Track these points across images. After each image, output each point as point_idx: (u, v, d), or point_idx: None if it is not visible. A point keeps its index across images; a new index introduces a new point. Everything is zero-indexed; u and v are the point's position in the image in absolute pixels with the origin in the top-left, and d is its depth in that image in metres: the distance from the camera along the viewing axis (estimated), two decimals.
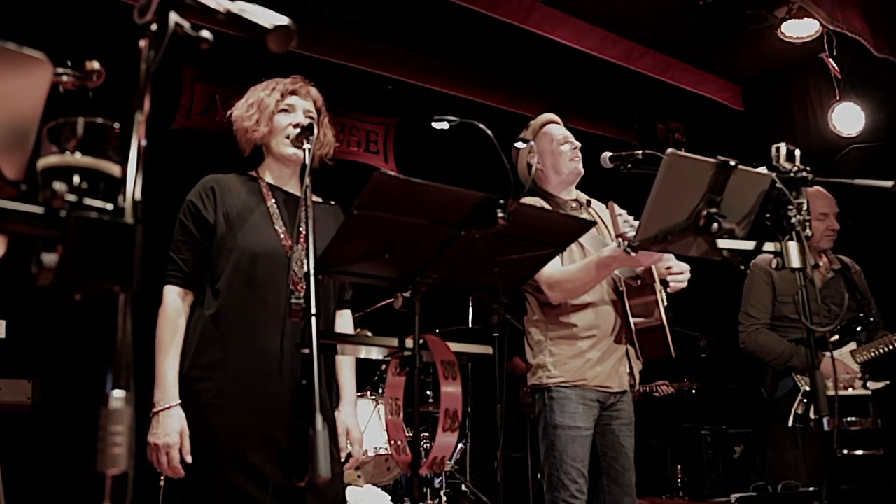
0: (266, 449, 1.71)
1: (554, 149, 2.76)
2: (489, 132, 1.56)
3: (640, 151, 2.50)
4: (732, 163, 1.88)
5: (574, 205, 2.78)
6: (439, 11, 4.25)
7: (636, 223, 2.21)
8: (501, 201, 1.43)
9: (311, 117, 2.07)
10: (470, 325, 4.26)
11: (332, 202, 2.20)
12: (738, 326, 3.24)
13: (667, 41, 5.03)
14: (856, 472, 2.64)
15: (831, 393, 1.85)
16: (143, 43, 0.83)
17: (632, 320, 2.55)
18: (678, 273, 2.55)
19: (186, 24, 0.85)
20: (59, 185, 0.72)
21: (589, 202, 2.85)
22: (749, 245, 1.93)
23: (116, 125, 0.85)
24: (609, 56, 4.92)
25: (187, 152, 4.17)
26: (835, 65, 4.63)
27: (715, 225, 1.86)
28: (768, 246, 1.96)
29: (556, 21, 4.58)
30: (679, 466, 4.42)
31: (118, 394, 0.72)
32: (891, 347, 2.98)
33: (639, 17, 4.69)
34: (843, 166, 4.76)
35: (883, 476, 2.68)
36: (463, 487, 3.97)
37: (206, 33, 0.83)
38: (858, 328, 3.05)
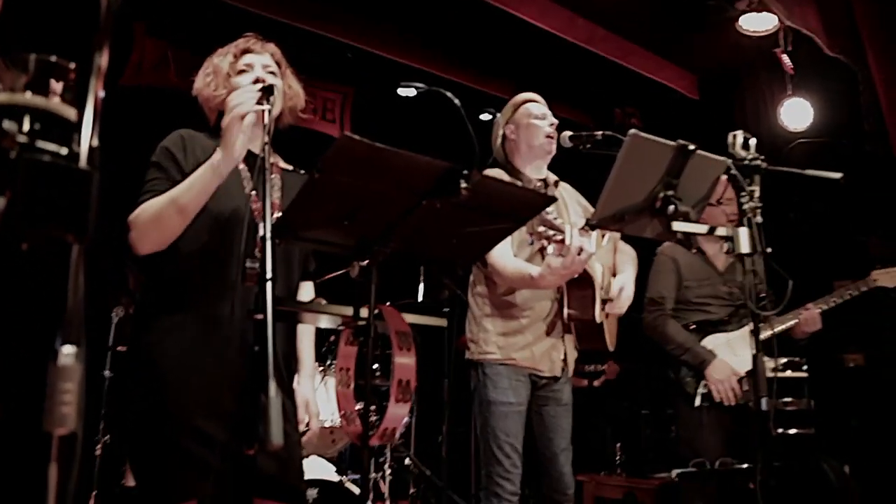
0: (218, 414, 1.67)
1: (530, 122, 2.76)
2: (456, 101, 1.54)
3: (600, 133, 2.53)
4: (691, 147, 1.91)
5: (539, 184, 2.79)
6: None
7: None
8: (465, 172, 1.41)
9: (271, 72, 2.01)
10: (420, 299, 4.26)
11: (303, 171, 2.15)
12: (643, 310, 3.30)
13: (629, 27, 5.07)
14: (786, 450, 2.76)
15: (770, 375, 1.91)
16: None
17: (566, 311, 2.59)
18: (617, 307, 2.63)
19: None
20: (8, 125, 0.67)
21: (557, 182, 2.86)
22: (702, 228, 1.97)
23: (72, 65, 0.80)
24: (572, 38, 4.93)
25: (135, 109, 4.01)
26: (788, 61, 4.75)
27: (671, 207, 1.90)
28: (720, 231, 2.01)
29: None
30: (618, 445, 4.54)
31: (69, 349, 0.69)
32: (787, 326, 3.12)
33: (603, 1, 4.70)
34: (790, 159, 4.90)
35: (813, 453, 2.82)
36: (407, 461, 4.00)
37: None
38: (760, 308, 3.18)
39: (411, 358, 1.59)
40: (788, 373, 2.77)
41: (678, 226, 1.90)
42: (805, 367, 2.86)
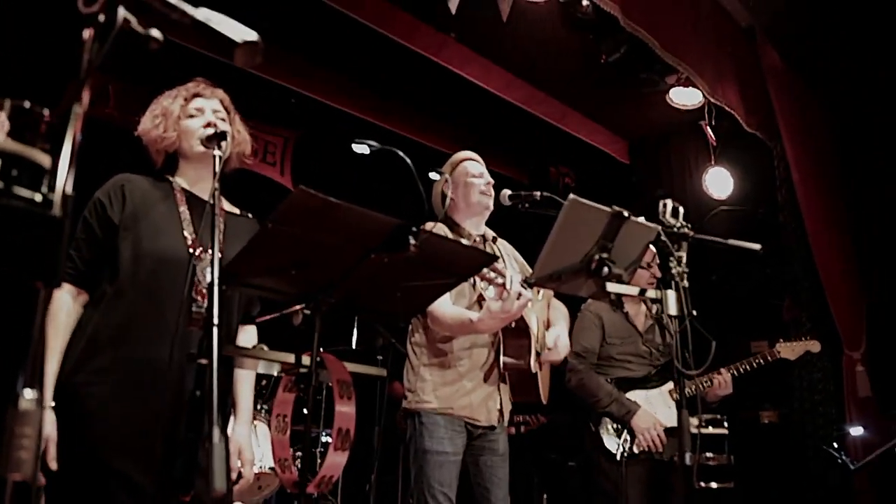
0: (149, 462, 1.63)
1: (467, 181, 2.84)
2: (408, 160, 1.60)
3: (539, 193, 2.64)
4: (626, 214, 2.03)
5: (478, 239, 2.86)
6: (353, 33, 4.28)
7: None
8: (414, 229, 1.47)
9: (221, 118, 2.04)
10: (354, 346, 4.24)
11: (250, 215, 2.16)
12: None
13: (566, 91, 5.31)
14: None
15: (694, 431, 2.00)
16: (87, 32, 0.80)
17: (503, 359, 2.64)
18: (555, 354, 2.71)
19: (134, 20, 0.84)
20: None
21: (495, 239, 2.94)
22: (634, 290, 2.08)
23: (46, 112, 0.82)
24: (512, 98, 5.13)
25: (98, 145, 3.91)
26: (712, 133, 5.07)
27: (606, 269, 1.99)
28: (649, 293, 2.13)
29: (467, 58, 4.73)
30: (545, 496, 4.58)
31: (29, 394, 0.69)
32: (702, 386, 3.31)
33: (544, 65, 4.93)
34: (712, 225, 5.19)
35: None
36: None
37: (155, 32, 0.82)
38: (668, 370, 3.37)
39: (351, 407, 1.60)
40: (710, 429, 2.90)
41: (612, 287, 2.00)
42: (726, 424, 3.00)
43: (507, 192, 2.78)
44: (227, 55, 0.78)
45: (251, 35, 0.79)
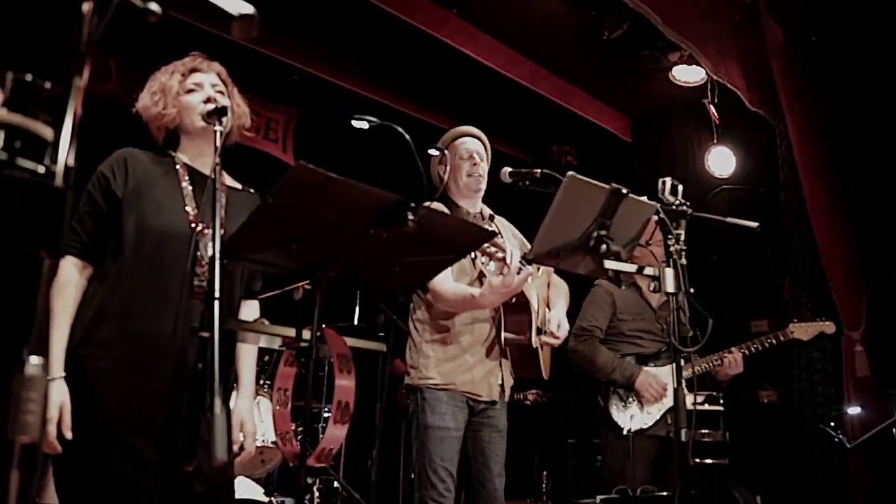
0: (152, 432, 1.67)
1: (456, 163, 2.85)
2: (407, 136, 1.61)
3: (539, 171, 2.64)
4: (624, 191, 2.04)
5: (476, 217, 2.87)
6: (355, 9, 4.25)
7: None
8: (413, 204, 1.48)
9: (220, 91, 2.04)
10: (356, 322, 4.27)
11: (251, 190, 2.17)
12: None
13: (569, 68, 5.28)
14: (702, 478, 2.92)
15: (690, 407, 2.03)
16: (86, 6, 0.81)
17: (504, 334, 2.67)
18: (554, 336, 2.72)
19: None
20: None
21: (492, 217, 2.96)
22: (632, 268, 2.09)
23: (48, 84, 0.83)
24: (514, 75, 5.10)
25: (97, 121, 3.92)
26: (715, 111, 5.05)
27: (604, 246, 2.01)
28: (647, 270, 2.14)
29: (468, 35, 4.70)
30: (545, 473, 4.64)
31: (35, 360, 0.71)
32: (712, 365, 3.33)
33: (546, 42, 4.90)
34: (713, 204, 5.18)
35: (726, 482, 2.98)
36: (335, 484, 3.97)
37: (153, 5, 0.83)
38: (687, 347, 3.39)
39: (351, 381, 1.63)
40: (706, 405, 2.94)
41: (609, 264, 2.02)
42: (721, 402, 3.04)
43: (507, 169, 2.78)
44: (225, 28, 0.79)
45: (247, 8, 0.80)
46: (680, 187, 2.30)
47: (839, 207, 4.14)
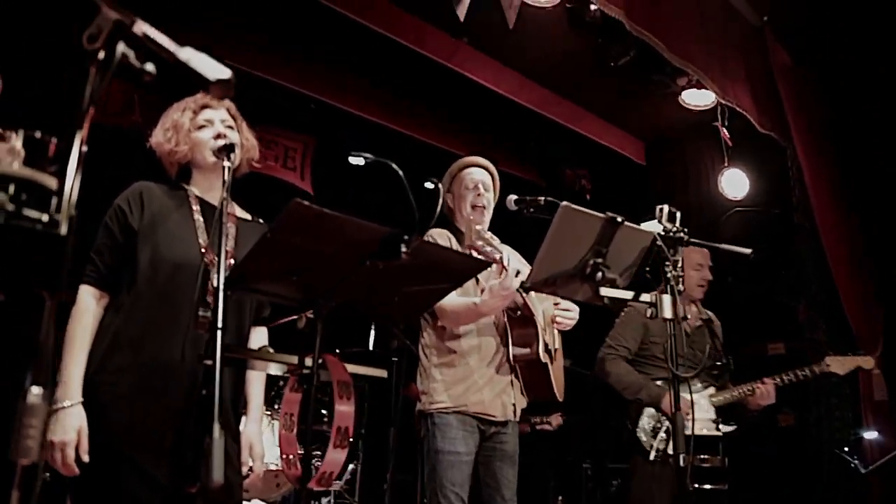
0: (161, 454, 1.74)
1: (461, 193, 2.93)
2: (401, 173, 1.68)
3: (542, 198, 2.70)
4: (619, 219, 2.09)
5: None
6: (369, 40, 4.38)
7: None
8: (406, 237, 1.55)
9: (229, 126, 2.13)
10: (371, 348, 4.34)
11: (261, 220, 2.25)
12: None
13: (580, 93, 5.35)
14: None
15: (688, 433, 2.05)
16: (91, 69, 0.90)
17: (511, 350, 2.71)
18: (565, 310, 2.74)
19: (132, 55, 0.93)
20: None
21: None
22: (628, 294, 2.13)
23: (54, 140, 0.92)
24: (525, 101, 5.18)
25: (100, 150, 4.08)
26: (727, 133, 5.07)
27: (599, 274, 2.06)
28: (644, 297, 2.18)
29: (479, 63, 4.80)
30: (560, 498, 4.63)
31: (36, 390, 0.79)
32: (743, 396, 3.32)
33: (556, 67, 4.98)
34: (727, 226, 5.19)
35: None
36: None
37: (150, 66, 0.91)
38: (716, 373, 3.38)
39: (350, 406, 1.69)
40: (704, 431, 2.94)
41: (605, 291, 2.06)
42: (719, 427, 3.04)
43: (512, 197, 2.85)
44: (204, 89, 0.87)
45: (224, 73, 0.88)
46: (678, 214, 2.35)
47: (851, 228, 4.14)
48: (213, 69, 0.88)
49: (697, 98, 4.89)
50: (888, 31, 3.84)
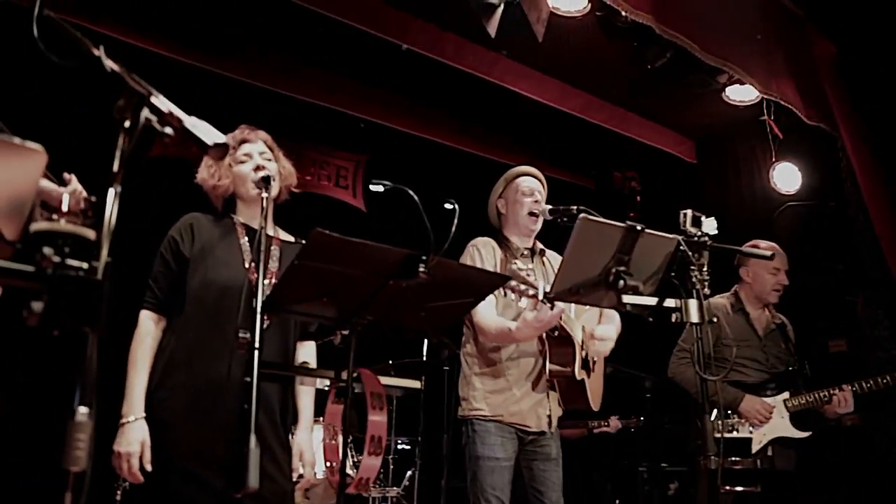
0: (213, 464, 1.92)
1: (517, 199, 3.02)
2: (416, 198, 1.81)
3: (575, 207, 2.77)
4: (639, 227, 2.15)
5: (526, 252, 3.03)
6: (409, 59, 4.53)
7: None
8: (423, 257, 1.67)
9: (267, 158, 2.31)
10: (424, 359, 4.47)
11: (304, 241, 2.42)
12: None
13: (623, 96, 5.36)
14: None
15: (718, 435, 2.09)
16: (120, 134, 1.06)
17: (549, 366, 2.78)
18: (599, 339, 2.82)
19: (154, 119, 1.09)
20: (47, 250, 0.95)
21: (543, 252, 3.10)
22: (651, 301, 2.19)
23: (93, 198, 1.09)
24: (568, 108, 5.23)
25: (164, 179, 4.38)
26: (776, 127, 4.99)
27: (622, 282, 2.12)
28: (669, 302, 2.23)
29: (519, 74, 4.89)
30: (617, 501, 4.65)
31: (83, 410, 0.95)
32: (820, 402, 3.27)
33: (597, 72, 5.01)
34: (780, 221, 5.10)
35: None
36: None
37: (169, 130, 1.07)
38: (790, 379, 3.34)
39: (383, 416, 1.82)
40: (735, 433, 2.93)
41: (627, 298, 2.12)
42: (751, 430, 3.02)
43: (547, 207, 2.94)
44: (204, 151, 1.02)
45: (221, 138, 1.03)
46: (703, 218, 2.38)
47: None
48: (212, 135, 1.02)
49: (741, 94, 4.83)
50: None
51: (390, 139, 5.47)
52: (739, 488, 2.67)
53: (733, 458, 2.71)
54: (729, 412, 3.28)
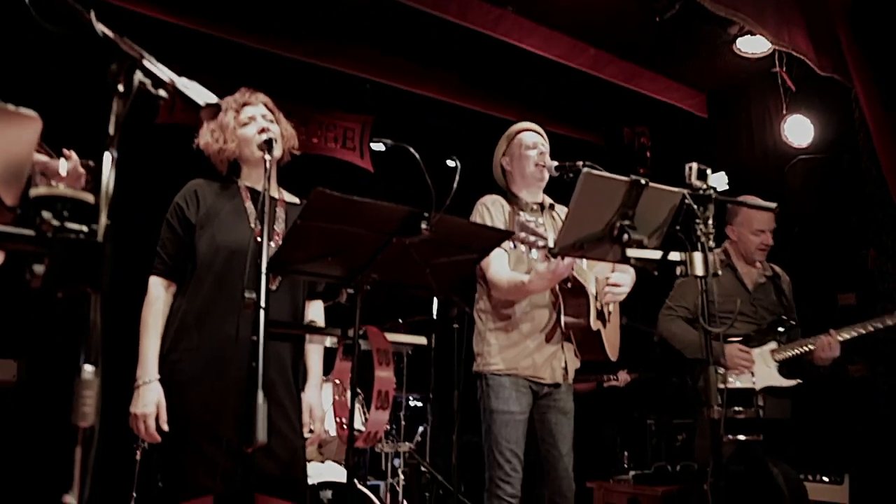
0: (227, 421, 1.97)
1: (522, 153, 3.02)
2: (417, 155, 1.80)
3: (581, 162, 2.76)
4: (643, 181, 2.14)
5: (535, 207, 3.03)
6: (412, 18, 4.47)
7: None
8: (426, 214, 1.68)
9: (270, 120, 2.31)
10: (434, 317, 4.52)
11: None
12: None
13: (632, 50, 5.27)
14: (743, 456, 2.94)
15: (721, 386, 2.11)
16: (115, 101, 1.07)
17: (563, 318, 2.80)
18: (615, 284, 2.82)
19: (148, 83, 1.09)
20: (46, 214, 0.96)
21: (552, 206, 3.10)
22: (656, 254, 2.18)
23: (91, 163, 1.10)
24: (576, 64, 5.15)
25: (171, 146, 4.38)
26: (788, 79, 4.90)
27: (626, 236, 2.12)
28: (674, 255, 2.22)
29: (526, 30, 4.81)
30: (626, 453, 4.72)
31: (89, 368, 0.97)
32: (805, 349, 3.28)
33: (604, 27, 4.92)
34: (792, 175, 5.04)
35: (764, 459, 2.98)
36: (421, 468, 4.25)
37: (162, 92, 1.08)
38: (780, 329, 3.35)
39: (390, 371, 1.85)
40: (738, 384, 2.96)
41: (631, 252, 2.12)
42: (754, 380, 3.04)
43: (553, 163, 2.93)
44: (196, 112, 1.03)
45: (212, 98, 1.03)
46: (708, 171, 2.36)
47: None
48: (204, 95, 1.03)
49: (752, 45, 4.74)
50: None
51: (396, 99, 5.43)
52: (742, 437, 2.71)
53: (736, 409, 2.74)
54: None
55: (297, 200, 2.45)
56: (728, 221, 3.50)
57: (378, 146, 2.38)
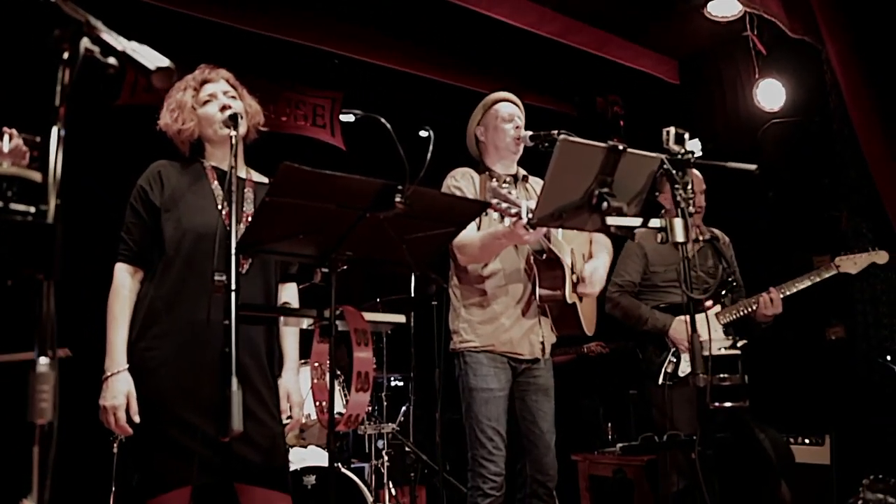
0: (201, 409, 1.91)
1: (497, 125, 2.95)
2: (388, 126, 1.73)
3: (556, 131, 2.70)
4: (621, 147, 2.10)
5: (509, 179, 2.98)
6: None
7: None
8: (400, 187, 1.62)
9: (232, 97, 2.22)
10: (412, 294, 4.46)
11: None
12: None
13: (603, 17, 5.20)
14: (729, 423, 2.96)
15: (706, 353, 2.09)
16: (60, 70, 0.98)
17: (538, 291, 2.76)
18: (587, 278, 2.81)
19: (96, 50, 1.01)
20: None
21: (526, 177, 3.04)
22: (635, 222, 2.15)
23: (38, 138, 1.02)
24: (546, 32, 5.06)
25: (132, 128, 4.24)
26: (759, 43, 4.87)
27: (605, 204, 2.08)
28: (654, 222, 2.19)
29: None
30: (609, 424, 4.74)
31: (44, 360, 0.90)
32: (749, 310, 3.31)
33: None
34: (766, 139, 5.04)
35: (751, 425, 3.00)
36: (406, 448, 4.22)
37: (111, 59, 0.99)
38: (724, 292, 3.37)
39: (368, 352, 1.79)
40: (723, 350, 2.96)
41: (611, 220, 2.08)
42: (738, 346, 3.05)
43: (527, 133, 2.88)
44: (146, 78, 0.95)
45: (164, 61, 0.95)
46: (686, 135, 2.32)
47: (889, 131, 3.97)
48: (155, 59, 0.95)
49: (722, 8, 4.70)
50: None
51: (365, 74, 5.31)
52: (728, 404, 2.72)
53: (722, 375, 2.75)
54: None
55: (265, 180, 2.36)
56: (659, 191, 3.46)
57: (347, 117, 2.29)
